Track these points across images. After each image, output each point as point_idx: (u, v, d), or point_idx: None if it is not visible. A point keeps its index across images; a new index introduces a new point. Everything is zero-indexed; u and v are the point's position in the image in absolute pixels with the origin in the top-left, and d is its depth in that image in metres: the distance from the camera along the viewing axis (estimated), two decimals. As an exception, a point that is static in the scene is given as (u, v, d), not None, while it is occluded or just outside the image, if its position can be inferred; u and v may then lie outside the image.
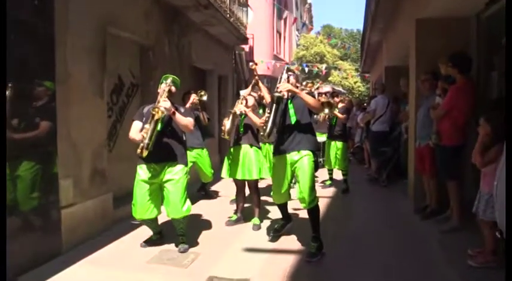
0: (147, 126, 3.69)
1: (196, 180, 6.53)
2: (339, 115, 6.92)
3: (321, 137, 7.23)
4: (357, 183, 7.63)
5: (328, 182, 7.69)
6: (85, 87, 4.43)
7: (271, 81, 18.88)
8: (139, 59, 6.10)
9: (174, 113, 3.76)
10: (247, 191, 5.08)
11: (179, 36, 7.12)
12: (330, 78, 26.15)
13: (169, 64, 6.69)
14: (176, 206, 3.91)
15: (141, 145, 3.64)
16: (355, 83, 28.71)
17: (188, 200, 4.01)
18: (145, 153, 3.65)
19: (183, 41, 7.31)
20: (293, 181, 4.26)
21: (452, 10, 4.95)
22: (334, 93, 7.50)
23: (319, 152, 4.23)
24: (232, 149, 4.86)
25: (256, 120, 4.63)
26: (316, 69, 24.30)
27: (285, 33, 27.21)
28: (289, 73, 4.12)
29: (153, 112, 3.66)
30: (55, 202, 3.89)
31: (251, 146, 4.81)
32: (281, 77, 4.09)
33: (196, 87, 8.61)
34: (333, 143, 7.16)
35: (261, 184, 5.27)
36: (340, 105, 7.38)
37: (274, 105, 3.81)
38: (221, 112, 9.98)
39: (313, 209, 3.94)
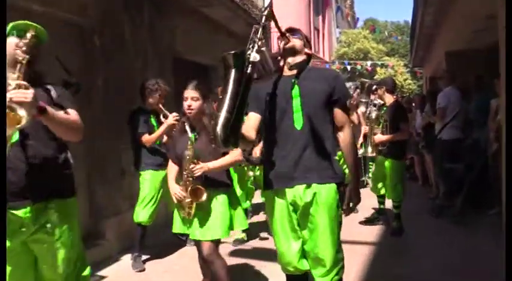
0: None
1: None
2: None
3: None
4: (413, 215, 5.24)
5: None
6: None
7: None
8: (79, 48, 4.17)
9: (43, 111, 1.76)
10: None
11: (154, 17, 5.16)
12: (375, 77, 23.56)
13: (135, 54, 4.75)
14: None
15: None
16: (404, 80, 25.85)
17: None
18: None
19: (163, 25, 5.34)
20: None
21: None
22: (370, 86, 5.08)
23: (344, 185, 2.11)
24: None
25: (222, 163, 2.68)
26: (360, 66, 21.83)
27: (323, 30, 25.12)
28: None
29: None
30: None
31: (215, 190, 2.71)
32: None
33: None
34: (379, 158, 4.84)
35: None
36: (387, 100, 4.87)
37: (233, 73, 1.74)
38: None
39: None
